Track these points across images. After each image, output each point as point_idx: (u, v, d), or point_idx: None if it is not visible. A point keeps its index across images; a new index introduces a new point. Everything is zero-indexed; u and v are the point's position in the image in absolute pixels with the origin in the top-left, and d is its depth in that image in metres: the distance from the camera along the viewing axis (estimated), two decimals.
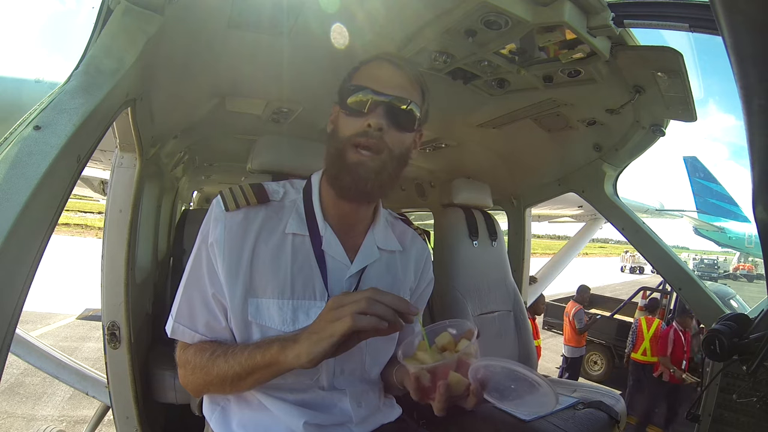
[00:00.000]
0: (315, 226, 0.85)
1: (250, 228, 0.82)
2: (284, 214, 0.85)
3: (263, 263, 0.81)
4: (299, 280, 0.82)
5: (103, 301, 1.49)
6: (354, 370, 0.90)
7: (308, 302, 0.82)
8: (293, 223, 0.85)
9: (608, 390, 1.94)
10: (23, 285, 0.60)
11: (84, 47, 0.82)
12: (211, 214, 0.84)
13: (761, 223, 0.84)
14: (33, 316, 6.59)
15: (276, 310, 0.81)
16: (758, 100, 0.61)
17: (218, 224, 0.81)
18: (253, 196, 0.84)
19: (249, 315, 0.81)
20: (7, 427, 3.49)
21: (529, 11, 1.04)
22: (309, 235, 0.85)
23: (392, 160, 0.80)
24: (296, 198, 0.88)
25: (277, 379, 0.78)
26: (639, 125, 1.59)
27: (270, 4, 1.08)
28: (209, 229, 0.82)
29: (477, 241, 2.06)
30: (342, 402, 0.88)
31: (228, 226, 0.81)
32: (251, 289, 0.81)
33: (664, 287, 5.98)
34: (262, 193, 0.85)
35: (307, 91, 1.64)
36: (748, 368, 0.98)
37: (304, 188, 0.90)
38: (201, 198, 5.17)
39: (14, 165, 0.58)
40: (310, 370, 0.79)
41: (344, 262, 0.86)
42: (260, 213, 0.84)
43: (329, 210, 0.87)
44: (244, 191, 0.84)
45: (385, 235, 0.95)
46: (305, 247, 0.84)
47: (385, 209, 0.99)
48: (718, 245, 26.46)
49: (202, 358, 0.81)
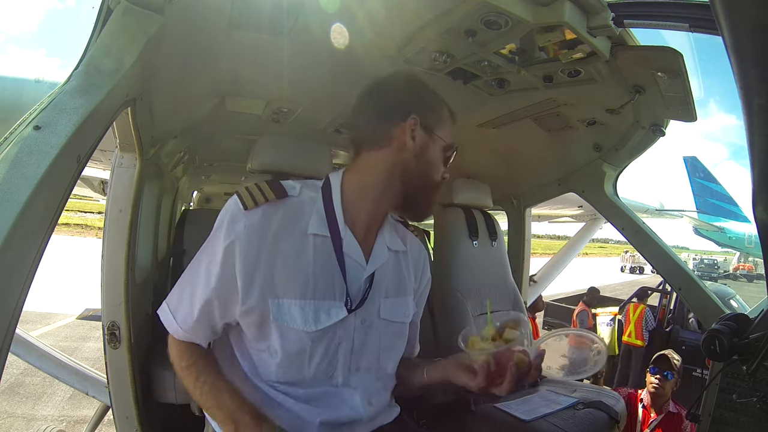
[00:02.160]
0: (335, 227, 0.86)
1: (270, 226, 0.81)
2: (304, 212, 0.85)
3: (285, 263, 0.81)
4: (321, 280, 0.83)
5: (103, 301, 1.49)
6: (369, 368, 0.91)
7: (329, 302, 0.84)
8: (314, 224, 0.85)
9: (608, 390, 1.94)
10: (23, 285, 0.60)
11: (84, 47, 0.82)
12: (227, 214, 0.83)
13: (761, 223, 0.84)
14: (33, 316, 6.58)
15: (298, 311, 0.81)
16: (758, 100, 0.61)
17: (237, 223, 0.81)
18: (271, 192, 0.83)
19: (271, 316, 0.81)
20: (7, 427, 3.49)
21: (529, 11, 1.04)
22: (330, 236, 0.85)
23: None
24: (315, 197, 0.88)
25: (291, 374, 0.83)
26: (639, 125, 1.59)
27: (270, 4, 1.08)
28: (225, 228, 0.81)
29: (477, 241, 2.06)
30: (353, 399, 0.89)
31: (248, 224, 0.80)
32: (272, 289, 0.81)
33: (664, 287, 5.99)
34: (279, 189, 0.85)
35: (307, 91, 1.64)
36: (748, 368, 0.98)
37: (323, 188, 0.90)
38: (201, 198, 5.16)
39: (14, 165, 0.58)
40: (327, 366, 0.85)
41: (361, 263, 0.89)
42: (279, 210, 0.83)
43: (349, 213, 0.88)
44: (261, 188, 0.83)
45: (391, 236, 0.98)
46: (326, 247, 0.85)
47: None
48: (718, 245, 26.50)
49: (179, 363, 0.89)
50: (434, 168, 0.89)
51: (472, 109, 1.73)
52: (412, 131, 0.84)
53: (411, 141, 0.84)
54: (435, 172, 0.89)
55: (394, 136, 0.85)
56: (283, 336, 0.82)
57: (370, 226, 0.92)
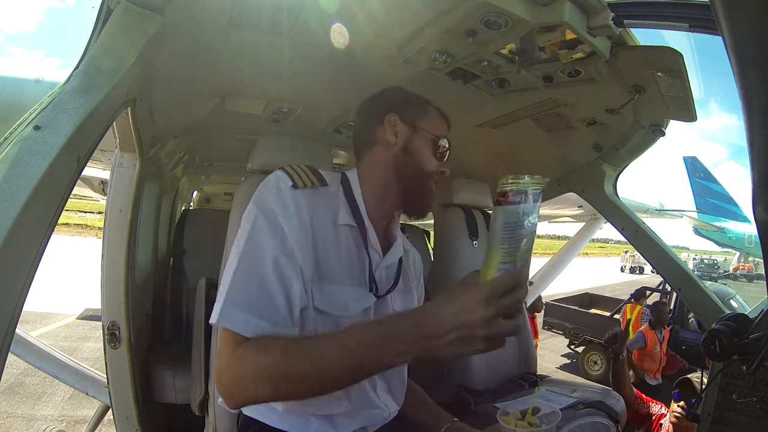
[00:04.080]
0: (361, 221, 0.89)
1: (315, 211, 0.82)
2: (335, 203, 0.88)
3: (326, 249, 0.82)
4: (355, 267, 0.87)
5: (103, 301, 1.49)
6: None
7: (359, 289, 0.86)
8: (344, 215, 0.87)
9: (608, 390, 1.94)
10: (23, 285, 0.60)
11: (84, 47, 0.82)
12: (276, 188, 0.79)
13: (761, 223, 0.84)
14: (33, 316, 6.58)
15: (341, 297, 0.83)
16: (758, 100, 0.61)
17: (288, 198, 0.78)
18: (316, 178, 0.85)
19: (315, 302, 0.79)
20: (7, 427, 3.49)
21: (529, 11, 1.04)
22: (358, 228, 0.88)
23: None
24: (337, 190, 0.90)
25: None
26: (639, 125, 1.59)
27: (270, 4, 1.08)
28: (274, 201, 0.77)
29: (477, 241, 2.06)
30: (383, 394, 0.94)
31: (298, 203, 0.79)
32: (318, 275, 0.80)
33: (664, 287, 5.99)
34: (321, 177, 0.87)
35: (307, 91, 1.64)
36: (748, 368, 0.98)
37: (342, 183, 0.92)
38: (201, 198, 5.16)
39: (14, 165, 0.58)
40: None
41: (380, 255, 0.92)
42: (320, 197, 0.85)
43: (370, 209, 0.91)
44: (306, 172, 0.85)
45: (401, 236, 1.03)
46: (355, 238, 0.88)
47: None
48: (718, 245, 26.48)
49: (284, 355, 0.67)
50: (423, 159, 0.91)
51: (472, 109, 1.73)
52: (394, 127, 0.91)
53: (393, 137, 0.91)
54: (425, 162, 0.91)
55: (379, 136, 0.92)
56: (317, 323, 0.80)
57: (385, 223, 0.96)
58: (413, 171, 0.91)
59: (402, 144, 0.91)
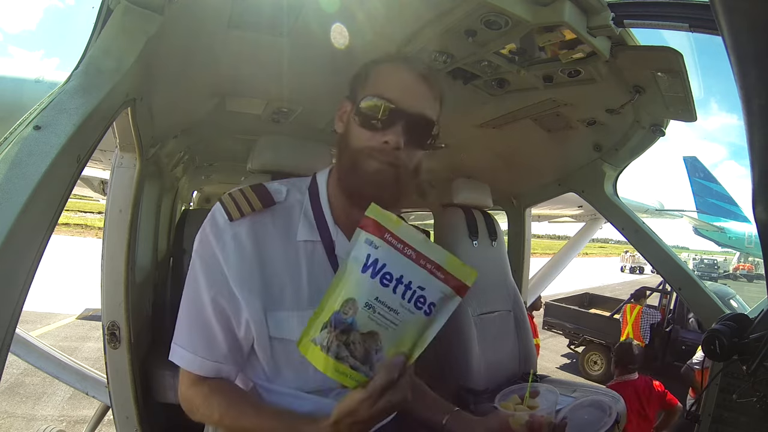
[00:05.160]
0: (326, 230, 0.81)
1: (258, 237, 0.76)
2: (292, 218, 0.80)
3: (277, 274, 0.77)
4: (315, 288, 0.78)
5: (103, 301, 1.49)
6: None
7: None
8: (303, 230, 0.80)
9: (608, 390, 1.94)
10: (23, 285, 0.60)
11: (84, 47, 0.82)
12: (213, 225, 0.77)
13: (761, 223, 0.84)
14: (33, 316, 6.58)
15: (296, 323, 0.75)
16: (758, 100, 0.61)
17: (223, 235, 0.75)
18: (257, 200, 0.78)
19: (270, 330, 0.76)
20: (7, 427, 3.49)
21: (529, 11, 1.04)
22: (321, 241, 0.80)
23: (407, 175, 0.78)
24: (302, 199, 0.83)
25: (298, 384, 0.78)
26: (639, 125, 1.59)
27: (270, 4, 1.08)
28: (212, 240, 0.76)
29: (477, 241, 2.06)
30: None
31: (236, 236, 0.75)
32: (269, 303, 0.76)
33: (664, 287, 5.99)
34: (266, 196, 0.79)
35: (307, 91, 1.64)
36: (748, 368, 0.98)
37: (310, 189, 0.85)
38: (201, 198, 5.16)
39: (14, 165, 0.58)
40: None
41: None
42: (267, 219, 0.78)
43: (338, 213, 0.83)
44: (247, 196, 0.78)
45: None
46: (318, 253, 0.80)
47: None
48: (718, 245, 26.49)
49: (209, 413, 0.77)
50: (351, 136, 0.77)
51: (472, 109, 1.73)
52: (342, 113, 0.82)
53: (340, 124, 0.82)
54: (352, 140, 0.77)
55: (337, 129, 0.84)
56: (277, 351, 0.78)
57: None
58: (346, 155, 0.78)
59: (343, 128, 0.81)
